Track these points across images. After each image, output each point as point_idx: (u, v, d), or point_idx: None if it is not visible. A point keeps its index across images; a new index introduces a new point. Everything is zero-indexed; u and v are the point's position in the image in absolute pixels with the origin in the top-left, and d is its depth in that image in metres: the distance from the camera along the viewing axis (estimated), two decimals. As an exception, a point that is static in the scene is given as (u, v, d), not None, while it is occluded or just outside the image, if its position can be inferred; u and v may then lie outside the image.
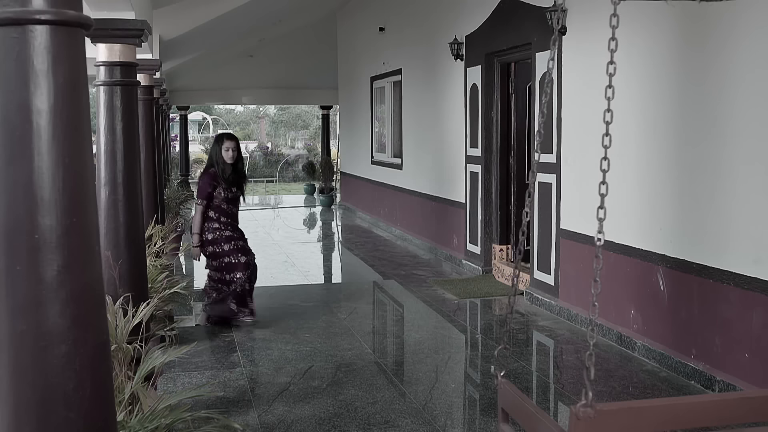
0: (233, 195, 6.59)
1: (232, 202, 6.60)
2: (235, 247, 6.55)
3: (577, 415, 1.94)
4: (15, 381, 1.62)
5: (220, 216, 6.51)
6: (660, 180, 5.36)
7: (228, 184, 6.51)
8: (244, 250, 6.62)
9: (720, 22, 4.73)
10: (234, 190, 6.59)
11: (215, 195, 6.45)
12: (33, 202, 1.58)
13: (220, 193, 6.46)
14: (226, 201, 6.51)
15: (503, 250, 8.46)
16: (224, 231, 6.52)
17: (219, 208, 6.49)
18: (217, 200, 6.46)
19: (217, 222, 6.51)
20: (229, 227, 6.57)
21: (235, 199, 6.64)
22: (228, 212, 6.56)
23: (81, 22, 1.63)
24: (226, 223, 6.54)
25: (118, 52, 4.38)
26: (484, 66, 8.35)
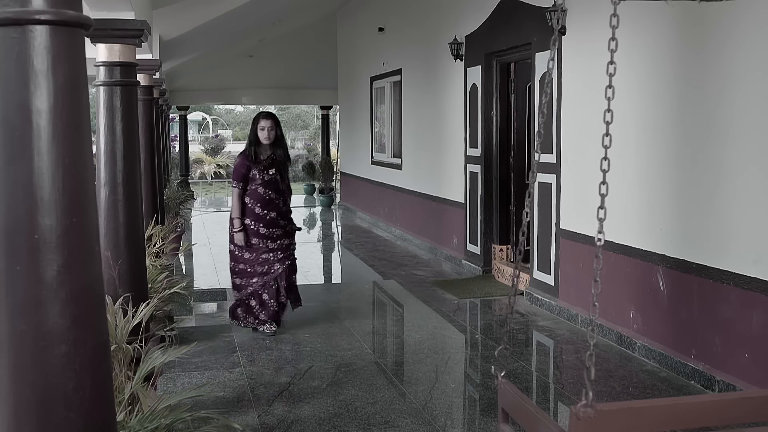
0: (270, 178, 6.02)
1: (271, 187, 6.03)
2: (265, 248, 6.07)
3: (577, 415, 1.94)
4: (15, 381, 1.62)
5: (256, 204, 6.00)
6: (660, 180, 5.36)
7: (264, 166, 6.01)
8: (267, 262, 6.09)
9: (720, 22, 4.73)
10: (271, 173, 6.04)
11: (251, 177, 5.98)
12: (33, 202, 1.58)
13: (255, 175, 5.98)
14: (263, 185, 5.99)
15: (503, 250, 8.46)
16: (259, 225, 6.02)
17: (256, 193, 5.99)
18: (254, 184, 5.98)
19: (251, 214, 6.00)
20: (265, 224, 6.03)
21: (273, 184, 6.05)
22: (266, 199, 6.01)
23: (81, 22, 1.63)
24: (262, 217, 6.01)
25: (118, 53, 4.38)
26: (484, 66, 8.35)
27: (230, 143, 35.17)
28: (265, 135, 6.02)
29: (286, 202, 6.25)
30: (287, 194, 6.30)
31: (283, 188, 6.20)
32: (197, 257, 10.34)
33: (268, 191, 6.03)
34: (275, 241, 6.10)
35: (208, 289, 8.20)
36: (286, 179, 6.25)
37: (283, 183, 6.17)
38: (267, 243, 6.06)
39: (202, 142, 32.58)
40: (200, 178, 26.68)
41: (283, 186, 6.19)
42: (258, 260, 6.05)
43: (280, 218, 6.14)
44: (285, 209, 6.23)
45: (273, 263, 6.09)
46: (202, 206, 18.46)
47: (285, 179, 6.23)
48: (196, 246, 10.84)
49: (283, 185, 6.19)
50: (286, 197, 6.28)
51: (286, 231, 6.20)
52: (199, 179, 26.25)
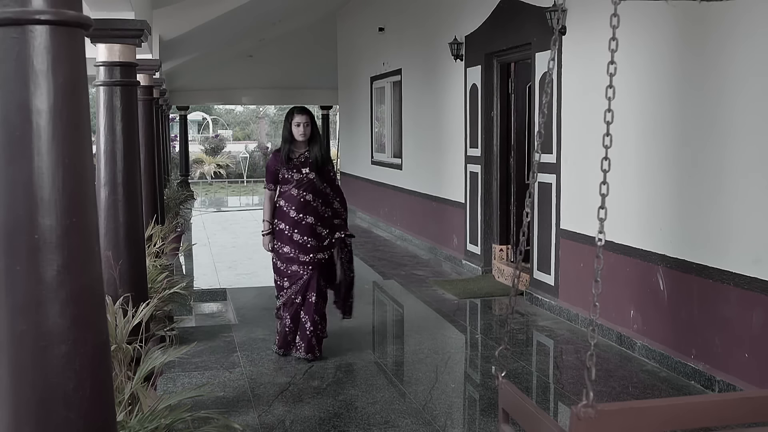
0: (304, 178, 5.39)
1: (307, 189, 5.38)
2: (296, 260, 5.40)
3: (578, 415, 1.94)
4: (15, 381, 1.62)
5: (290, 207, 5.39)
6: (660, 180, 5.36)
7: (296, 165, 5.41)
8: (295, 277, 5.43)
9: (720, 22, 4.73)
10: (305, 172, 5.39)
11: (282, 178, 5.43)
12: (33, 202, 1.58)
13: (285, 174, 5.40)
14: (297, 186, 5.38)
15: (503, 250, 8.46)
16: (293, 231, 5.39)
17: (289, 195, 5.40)
18: (286, 185, 5.42)
19: (286, 218, 5.40)
20: (300, 230, 5.37)
21: (309, 185, 5.40)
22: (301, 202, 5.37)
23: (81, 22, 1.63)
24: (297, 222, 5.37)
25: (118, 52, 4.38)
26: (484, 66, 8.34)
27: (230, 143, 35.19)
28: (300, 131, 5.39)
29: (330, 205, 5.54)
30: (331, 197, 5.57)
31: (324, 189, 5.50)
32: (197, 257, 10.34)
33: (303, 193, 5.39)
34: (307, 254, 5.38)
35: (208, 289, 8.20)
36: (329, 180, 5.57)
37: (322, 184, 5.48)
38: (298, 254, 5.38)
39: (202, 142, 32.59)
40: (200, 178, 26.69)
41: (323, 187, 5.49)
42: (287, 272, 5.45)
43: (320, 225, 5.44)
44: (328, 215, 5.51)
45: (301, 278, 5.43)
46: (202, 206, 18.47)
47: (327, 180, 5.54)
48: (196, 246, 10.85)
49: (324, 186, 5.49)
50: (330, 200, 5.55)
51: (324, 245, 5.45)
52: (199, 179, 26.26)
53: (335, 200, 5.59)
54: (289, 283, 5.44)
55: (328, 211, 5.52)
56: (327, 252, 5.45)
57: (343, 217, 5.63)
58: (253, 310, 7.17)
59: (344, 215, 5.66)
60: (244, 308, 7.23)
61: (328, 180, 5.52)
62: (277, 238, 5.44)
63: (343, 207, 5.65)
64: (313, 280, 5.40)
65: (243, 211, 17.18)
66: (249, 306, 7.34)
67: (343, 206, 5.65)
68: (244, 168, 28.21)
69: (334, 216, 5.57)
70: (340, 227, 5.58)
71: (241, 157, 29.31)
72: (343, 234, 5.56)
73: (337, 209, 5.59)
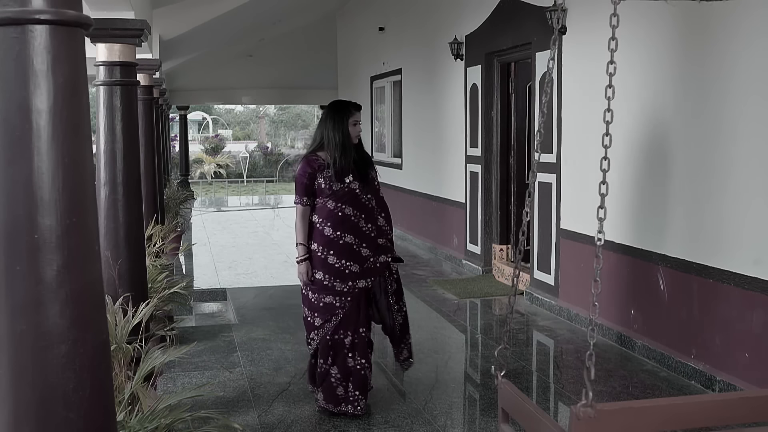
0: (344, 188, 4.33)
1: (347, 201, 4.33)
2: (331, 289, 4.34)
3: (577, 415, 1.94)
4: (15, 381, 1.62)
5: (325, 223, 4.33)
6: (660, 180, 5.36)
7: (339, 173, 4.34)
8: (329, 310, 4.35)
9: (721, 21, 4.73)
10: (347, 181, 4.34)
11: (317, 189, 4.34)
12: (33, 202, 1.58)
13: (321, 185, 4.32)
14: (334, 198, 4.32)
15: (503, 250, 8.46)
16: (327, 253, 4.32)
17: (325, 209, 4.32)
18: (322, 197, 4.33)
19: (319, 237, 4.34)
20: (337, 251, 4.31)
21: (350, 197, 4.35)
22: (339, 217, 4.31)
23: (80, 21, 1.63)
24: (333, 242, 4.31)
25: (118, 52, 4.38)
26: (484, 66, 8.34)
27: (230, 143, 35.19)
28: (358, 131, 4.45)
29: (374, 222, 4.44)
30: (377, 211, 4.48)
31: (367, 202, 4.41)
32: (197, 257, 10.34)
33: (342, 206, 4.32)
34: (345, 281, 4.32)
35: (208, 288, 8.20)
36: (374, 190, 4.49)
37: (366, 195, 4.40)
38: (334, 282, 4.31)
39: (202, 141, 32.60)
40: (200, 177, 26.69)
41: (368, 199, 4.41)
42: (319, 305, 4.35)
43: (363, 246, 4.36)
44: (373, 233, 4.42)
45: (337, 312, 4.35)
46: (202, 206, 18.47)
47: (372, 190, 4.47)
48: (196, 246, 10.85)
49: (368, 198, 4.41)
50: (376, 216, 4.46)
51: (368, 268, 4.38)
52: (199, 179, 26.26)
53: (380, 215, 4.49)
54: (321, 319, 4.35)
55: (373, 229, 4.42)
56: (369, 279, 4.39)
57: (389, 236, 4.53)
58: (253, 309, 7.17)
59: (390, 234, 4.55)
60: (244, 308, 7.23)
61: (373, 190, 4.47)
62: (309, 261, 4.40)
63: (388, 224, 4.55)
64: (354, 314, 4.36)
65: (243, 211, 17.18)
66: (249, 306, 7.34)
67: (388, 223, 4.55)
68: (244, 168, 28.22)
69: (379, 235, 4.45)
70: (385, 249, 4.47)
71: (241, 156, 29.32)
72: (389, 257, 4.49)
73: (382, 227, 4.48)
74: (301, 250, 4.37)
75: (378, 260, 4.42)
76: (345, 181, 4.35)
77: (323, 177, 4.32)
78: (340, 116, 4.38)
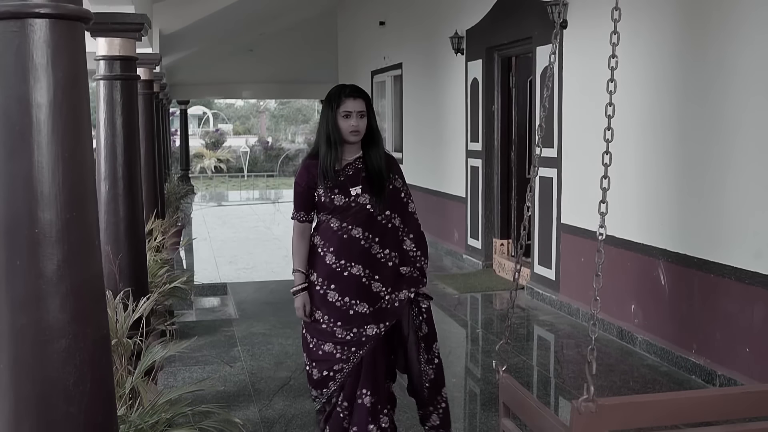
0: (350, 203, 3.33)
1: (356, 220, 3.34)
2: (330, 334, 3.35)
3: (578, 409, 1.94)
4: (15, 375, 1.62)
5: (327, 247, 3.37)
6: (661, 174, 5.35)
7: (340, 183, 3.34)
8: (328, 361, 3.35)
9: (723, 15, 4.72)
10: (355, 193, 3.34)
11: (317, 202, 3.38)
12: (33, 197, 1.57)
13: (321, 197, 3.36)
14: (340, 215, 3.34)
15: (504, 245, 8.46)
16: (327, 287, 3.36)
17: (328, 229, 3.37)
18: (324, 212, 3.39)
19: (319, 265, 3.39)
20: (340, 285, 3.33)
21: (361, 214, 3.34)
22: (344, 240, 3.33)
23: (80, 15, 1.63)
24: (336, 274, 3.34)
25: (118, 47, 4.38)
26: (485, 60, 8.33)
27: (230, 137, 35.20)
28: (352, 125, 3.30)
29: (394, 246, 3.41)
30: (402, 232, 3.44)
31: (386, 220, 3.39)
32: (197, 252, 10.34)
33: (347, 226, 3.33)
34: (350, 326, 3.32)
35: (208, 283, 8.19)
36: (397, 204, 3.44)
37: (384, 211, 3.37)
38: (335, 326, 3.34)
39: (202, 136, 32.61)
40: (201, 172, 26.71)
41: (386, 217, 3.39)
42: (317, 354, 3.38)
43: (374, 279, 3.35)
44: (391, 261, 3.39)
45: (339, 366, 3.35)
46: (203, 201, 18.47)
47: (394, 205, 3.42)
48: (197, 240, 10.85)
49: (387, 216, 3.39)
50: (399, 238, 3.43)
51: (382, 308, 3.35)
52: (199, 174, 26.27)
53: (407, 236, 3.45)
54: (318, 372, 3.37)
55: (391, 256, 3.39)
56: (383, 324, 3.35)
57: (418, 265, 3.46)
58: (253, 304, 7.17)
59: (421, 262, 3.47)
60: (244, 303, 7.23)
61: (395, 205, 3.42)
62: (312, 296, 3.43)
63: (420, 249, 3.46)
64: (362, 372, 3.35)
65: (243, 206, 17.18)
66: (250, 300, 7.34)
67: (420, 247, 3.47)
68: (245, 162, 28.23)
69: (403, 262, 3.42)
70: (410, 281, 3.42)
71: (242, 151, 29.33)
72: (413, 292, 3.43)
73: (409, 251, 3.44)
74: (297, 278, 3.45)
75: (398, 297, 3.37)
76: (351, 193, 3.33)
77: (324, 187, 3.34)
78: (328, 106, 3.37)
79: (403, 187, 3.50)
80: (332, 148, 3.33)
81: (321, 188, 3.35)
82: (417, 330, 3.49)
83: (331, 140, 3.33)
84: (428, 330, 3.53)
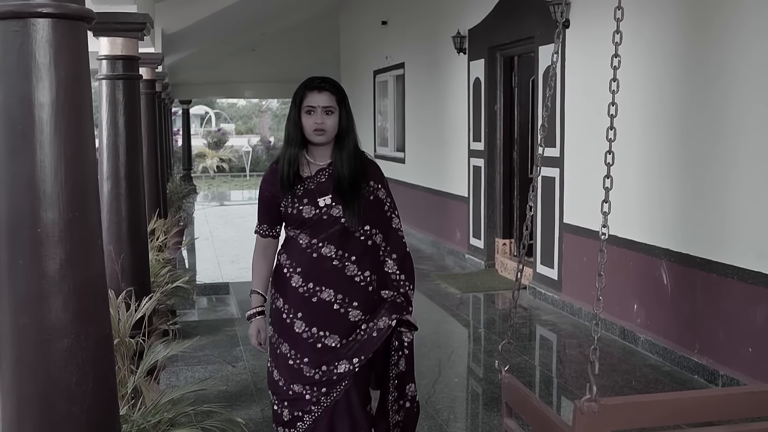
0: (321, 215, 2.85)
1: (327, 236, 2.85)
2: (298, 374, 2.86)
3: (581, 409, 1.93)
4: (18, 375, 1.62)
5: (293, 268, 2.89)
6: (664, 174, 5.34)
7: (308, 192, 2.87)
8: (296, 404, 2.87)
9: (727, 16, 4.71)
10: (324, 203, 2.85)
11: (285, 214, 2.90)
12: (35, 196, 1.57)
13: (288, 207, 2.88)
14: (310, 229, 2.87)
15: (506, 245, 8.45)
16: (294, 315, 2.87)
17: (295, 245, 2.90)
18: (292, 226, 2.91)
19: (285, 289, 2.92)
20: (308, 314, 2.86)
21: (330, 228, 2.85)
22: (313, 260, 2.86)
23: (83, 15, 1.63)
24: (304, 299, 2.86)
25: (121, 46, 4.38)
26: (487, 60, 8.33)
27: (233, 137, 35.22)
28: (316, 123, 2.83)
29: (373, 267, 2.92)
30: (384, 251, 2.95)
31: (364, 236, 2.90)
32: (200, 251, 10.35)
33: (317, 243, 2.86)
34: (318, 363, 2.85)
35: (210, 283, 8.20)
36: (379, 217, 2.94)
37: (361, 226, 2.87)
38: (301, 362, 2.87)
39: (204, 135, 32.62)
40: (203, 172, 26.72)
41: (366, 233, 2.90)
42: (287, 394, 2.89)
43: (350, 306, 2.87)
44: (371, 286, 2.90)
45: (308, 408, 2.87)
46: (205, 200, 18.47)
47: (374, 217, 2.92)
48: (199, 240, 10.85)
49: (364, 231, 2.89)
50: (381, 258, 2.94)
51: (356, 341, 2.86)
52: (201, 173, 26.28)
53: (389, 257, 2.95)
54: (289, 413, 2.90)
55: (371, 278, 2.91)
56: (357, 359, 2.84)
57: (402, 290, 2.94)
58: (255, 304, 7.16)
59: (405, 286, 2.96)
60: (246, 302, 7.18)
61: (377, 219, 2.94)
62: (273, 324, 2.97)
63: (403, 272, 2.96)
64: (335, 417, 2.88)
65: (246, 205, 17.18)
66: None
67: (403, 270, 2.97)
68: (247, 162, 28.23)
69: (383, 285, 2.94)
70: (393, 307, 2.90)
71: (244, 151, 29.34)
72: (394, 319, 2.87)
73: (391, 274, 2.95)
74: (254, 301, 3.01)
75: (376, 326, 2.85)
76: (319, 203, 2.85)
77: (289, 196, 2.87)
78: (292, 101, 2.90)
79: (386, 198, 2.98)
80: (292, 149, 2.88)
81: (286, 198, 2.89)
82: (393, 366, 2.91)
83: (291, 140, 2.89)
84: (405, 368, 2.92)
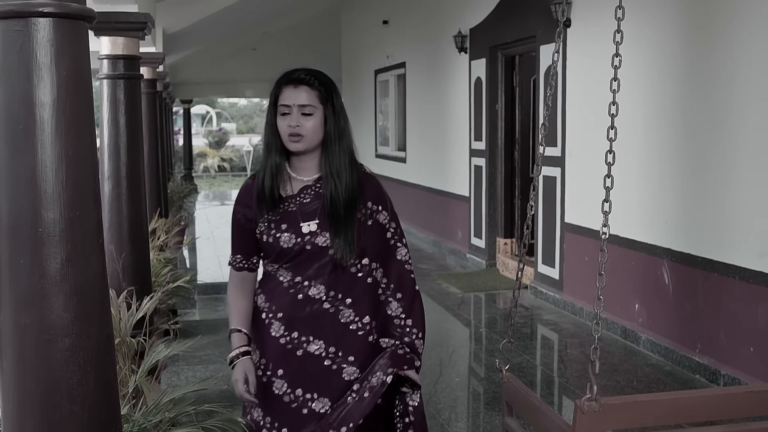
0: (302, 245, 2.29)
1: (314, 273, 2.31)
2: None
3: (581, 408, 1.93)
4: (19, 375, 1.62)
5: (273, 312, 2.36)
6: (665, 173, 5.34)
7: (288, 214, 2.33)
8: None
9: (727, 14, 4.71)
10: (308, 230, 2.29)
11: (262, 241, 2.35)
12: (36, 196, 1.57)
13: (262, 236, 2.33)
14: (287, 263, 2.33)
15: (507, 244, 8.45)
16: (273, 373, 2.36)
17: (275, 282, 2.36)
18: (271, 258, 2.35)
19: (264, 338, 2.38)
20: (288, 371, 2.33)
21: (316, 261, 2.30)
22: (296, 303, 2.32)
23: (84, 14, 1.62)
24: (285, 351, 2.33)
25: (122, 45, 4.38)
26: (489, 59, 8.32)
27: (234, 136, 35.21)
28: (289, 126, 2.28)
29: (375, 312, 2.39)
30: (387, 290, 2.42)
31: (367, 275, 2.38)
32: (201, 251, 10.34)
33: (303, 282, 2.33)
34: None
35: (211, 282, 8.19)
36: (381, 246, 2.40)
37: (356, 260, 2.34)
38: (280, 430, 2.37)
39: (205, 135, 32.63)
40: (204, 171, 26.72)
41: (364, 269, 2.37)
42: None
43: (348, 362, 2.34)
44: (371, 336, 2.38)
45: None
46: (206, 200, 18.47)
47: (375, 245, 2.39)
48: (200, 239, 10.85)
49: (363, 267, 2.37)
50: (382, 298, 2.42)
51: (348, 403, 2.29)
52: (202, 173, 26.29)
53: (393, 296, 2.43)
54: None
55: (371, 326, 2.38)
56: (347, 426, 2.24)
57: (407, 338, 2.41)
58: (257, 303, 7.16)
59: (411, 336, 2.42)
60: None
61: (378, 249, 2.40)
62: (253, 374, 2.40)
63: (411, 316, 2.44)
64: None
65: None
66: (253, 299, 7.33)
67: (411, 314, 2.44)
68: (248, 161, 28.23)
69: (384, 332, 2.41)
70: (393, 359, 2.34)
71: (245, 150, 29.34)
72: (391, 374, 2.29)
73: (395, 318, 2.42)
74: (234, 341, 2.39)
75: (369, 383, 2.29)
76: (302, 229, 2.30)
77: (266, 220, 2.33)
78: (269, 100, 2.35)
79: (389, 223, 2.40)
80: (273, 158, 2.32)
81: (262, 222, 2.32)
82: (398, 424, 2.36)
83: (270, 148, 2.33)
84: None
